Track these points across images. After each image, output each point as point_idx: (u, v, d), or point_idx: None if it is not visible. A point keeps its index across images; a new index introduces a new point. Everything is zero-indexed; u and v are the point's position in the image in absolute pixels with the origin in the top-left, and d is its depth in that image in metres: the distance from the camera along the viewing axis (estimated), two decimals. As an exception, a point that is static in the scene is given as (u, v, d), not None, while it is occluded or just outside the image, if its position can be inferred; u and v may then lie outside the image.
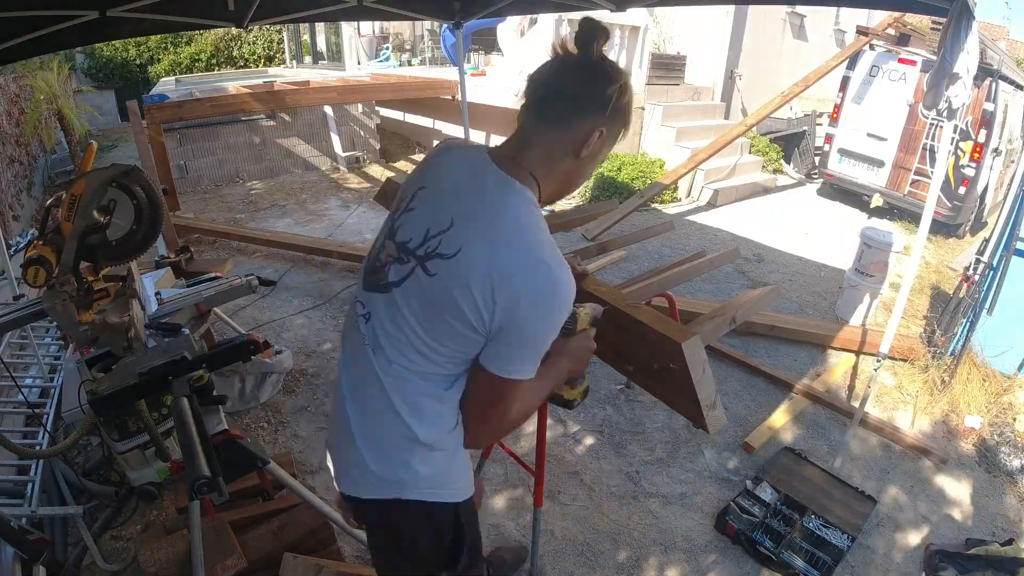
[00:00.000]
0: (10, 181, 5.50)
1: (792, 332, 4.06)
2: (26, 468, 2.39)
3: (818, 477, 2.79)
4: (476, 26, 6.20)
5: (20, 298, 2.57)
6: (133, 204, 1.97)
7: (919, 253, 2.55)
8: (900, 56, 6.75)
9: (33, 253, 1.79)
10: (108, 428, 1.77)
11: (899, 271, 5.04)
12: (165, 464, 1.73)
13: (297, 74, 10.78)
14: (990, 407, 3.34)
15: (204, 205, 6.68)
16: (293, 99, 7.15)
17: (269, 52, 15.01)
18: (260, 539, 2.13)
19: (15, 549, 1.93)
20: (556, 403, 1.42)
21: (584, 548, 2.43)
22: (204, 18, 3.69)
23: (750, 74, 9.73)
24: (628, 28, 7.33)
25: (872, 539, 2.58)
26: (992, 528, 2.71)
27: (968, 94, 2.29)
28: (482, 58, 9.29)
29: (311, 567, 1.96)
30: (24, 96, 7.13)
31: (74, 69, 12.87)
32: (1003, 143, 6.66)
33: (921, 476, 2.98)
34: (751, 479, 2.75)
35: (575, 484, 2.76)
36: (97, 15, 2.78)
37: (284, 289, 4.58)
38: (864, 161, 7.18)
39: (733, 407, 3.35)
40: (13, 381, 2.42)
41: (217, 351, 1.82)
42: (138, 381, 1.67)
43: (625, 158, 7.23)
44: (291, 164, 8.13)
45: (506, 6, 4.50)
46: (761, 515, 2.52)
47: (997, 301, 3.55)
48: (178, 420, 1.47)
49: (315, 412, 3.17)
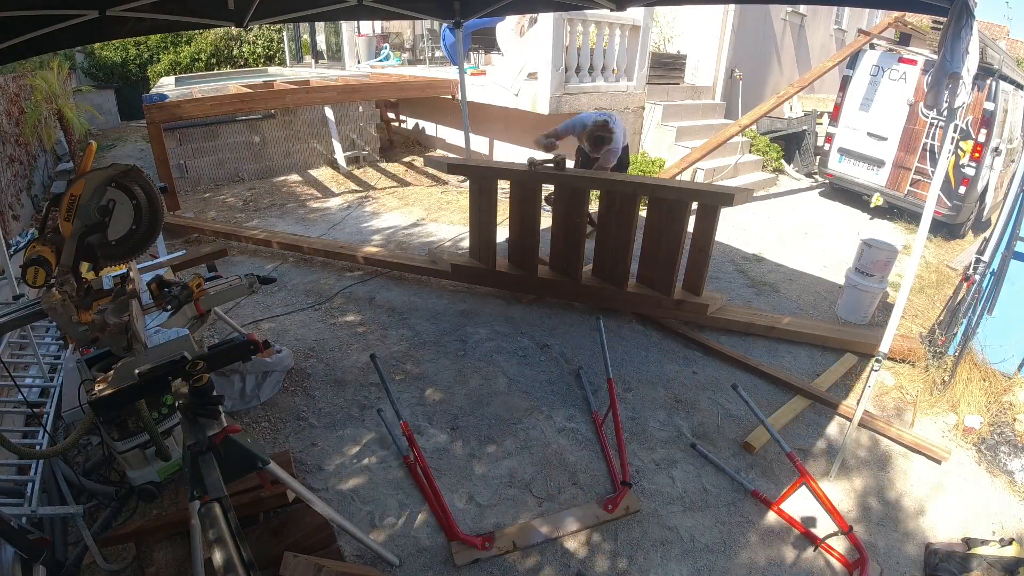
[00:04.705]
0: (10, 181, 5.49)
1: (792, 332, 4.06)
2: (26, 468, 2.38)
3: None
4: (476, 25, 6.20)
5: (20, 298, 2.57)
6: (132, 204, 1.97)
7: (919, 253, 2.55)
8: (902, 56, 6.75)
9: (33, 253, 1.79)
10: (108, 428, 1.77)
11: (899, 271, 5.04)
12: (165, 463, 1.73)
13: (297, 74, 10.77)
14: (990, 407, 3.33)
15: (204, 205, 6.68)
16: (293, 99, 7.14)
17: (269, 52, 15.00)
18: (260, 539, 2.13)
19: (15, 549, 1.93)
20: None
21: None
22: (204, 17, 3.69)
23: (750, 74, 9.73)
24: (628, 28, 7.32)
25: (872, 539, 2.58)
26: (992, 528, 2.71)
27: (968, 94, 2.29)
28: (482, 57, 9.29)
29: (311, 567, 1.96)
30: (24, 96, 7.13)
31: (74, 69, 12.86)
32: (1003, 143, 6.66)
33: (921, 476, 2.98)
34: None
35: (571, 484, 2.76)
36: (97, 15, 2.78)
37: (284, 289, 4.58)
38: (864, 161, 7.18)
39: (733, 407, 3.36)
40: (13, 381, 2.42)
41: (217, 351, 1.82)
42: (138, 381, 1.67)
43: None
44: (291, 164, 8.13)
45: (506, 5, 4.51)
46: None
47: (997, 301, 3.55)
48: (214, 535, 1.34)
49: (315, 411, 3.17)
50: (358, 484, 2.70)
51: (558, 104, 6.83)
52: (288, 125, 7.97)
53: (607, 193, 3.97)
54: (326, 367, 3.56)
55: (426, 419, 3.15)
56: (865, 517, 2.71)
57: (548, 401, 3.33)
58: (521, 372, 3.59)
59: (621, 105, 7.62)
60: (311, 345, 3.79)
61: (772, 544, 2.52)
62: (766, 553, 2.47)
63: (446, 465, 2.84)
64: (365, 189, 7.49)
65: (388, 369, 3.54)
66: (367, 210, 6.64)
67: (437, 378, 3.50)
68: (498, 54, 8.65)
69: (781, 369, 3.72)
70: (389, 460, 2.85)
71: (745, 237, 6.17)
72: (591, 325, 4.08)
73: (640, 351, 3.86)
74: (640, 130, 8.02)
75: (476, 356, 3.73)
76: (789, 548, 2.50)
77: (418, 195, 7.26)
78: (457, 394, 3.36)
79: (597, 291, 4.21)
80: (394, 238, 5.78)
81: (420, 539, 2.43)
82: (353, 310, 4.27)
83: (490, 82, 7.54)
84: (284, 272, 4.89)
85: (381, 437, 2.99)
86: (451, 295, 4.55)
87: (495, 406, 3.27)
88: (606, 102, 7.39)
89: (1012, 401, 3.34)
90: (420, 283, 4.74)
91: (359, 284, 4.69)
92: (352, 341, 3.86)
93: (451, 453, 2.92)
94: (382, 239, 5.73)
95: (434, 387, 3.42)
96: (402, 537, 2.44)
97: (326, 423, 3.08)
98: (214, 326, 3.79)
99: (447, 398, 3.33)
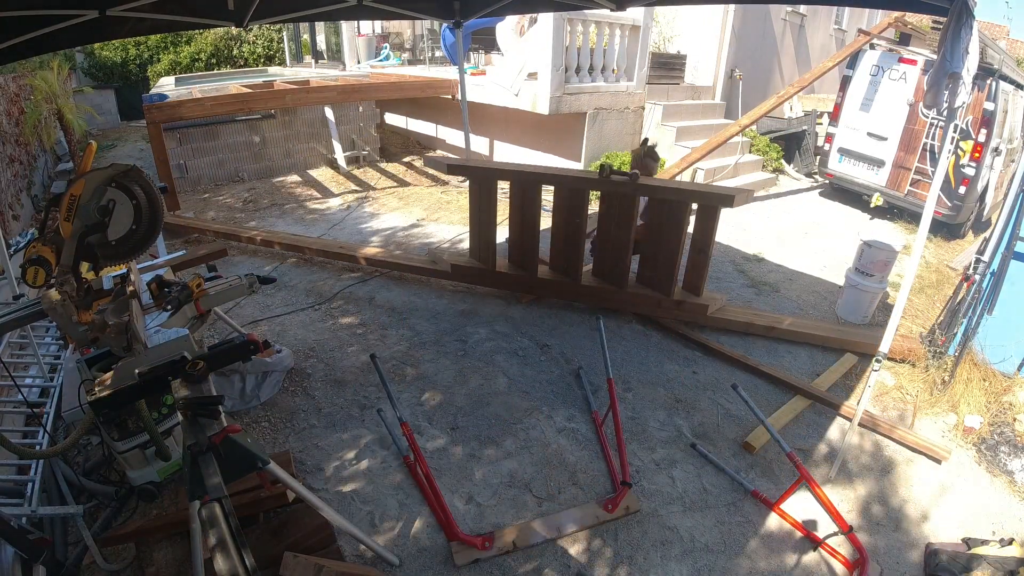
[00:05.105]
0: (10, 181, 5.49)
1: (792, 332, 4.05)
2: (26, 468, 2.38)
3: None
4: (476, 25, 6.20)
5: (20, 298, 2.57)
6: (132, 204, 1.97)
7: (919, 253, 2.55)
8: (902, 56, 6.75)
9: (33, 253, 1.79)
10: (108, 428, 1.77)
11: (899, 271, 5.04)
12: (165, 463, 1.73)
13: (297, 74, 10.76)
14: (990, 407, 3.34)
15: (204, 205, 6.68)
16: (293, 98, 7.14)
17: (269, 52, 14.99)
18: (260, 539, 2.13)
19: (15, 549, 1.93)
20: None
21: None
22: (204, 17, 3.69)
23: (750, 74, 9.74)
24: (628, 28, 7.32)
25: (872, 539, 2.58)
26: (992, 528, 2.71)
27: (968, 94, 2.29)
28: (482, 57, 9.29)
29: (311, 567, 1.96)
30: (24, 96, 7.13)
31: (74, 69, 12.86)
32: (1003, 143, 6.66)
33: (921, 476, 2.98)
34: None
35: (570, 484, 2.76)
36: (97, 15, 2.78)
37: (284, 288, 4.58)
38: (864, 161, 7.18)
39: (733, 407, 3.35)
40: (13, 381, 2.42)
41: (217, 351, 1.82)
42: (138, 381, 1.67)
43: (625, 157, 7.23)
44: (291, 164, 8.13)
45: (506, 5, 4.51)
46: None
47: (997, 301, 3.55)
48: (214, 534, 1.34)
49: (315, 411, 3.17)
50: (358, 484, 2.70)
51: (558, 104, 6.83)
52: (288, 125, 7.97)
53: (607, 193, 3.97)
54: (326, 367, 3.56)
55: (426, 419, 3.15)
56: (865, 517, 2.71)
57: (548, 401, 3.33)
58: (521, 372, 3.59)
59: (621, 105, 7.62)
60: (311, 345, 3.79)
61: (772, 544, 2.52)
62: (766, 553, 2.47)
63: (446, 465, 2.84)
64: (365, 189, 7.49)
65: (388, 369, 3.54)
66: (367, 210, 6.64)
67: (437, 378, 3.50)
68: (498, 54, 8.65)
69: (781, 369, 3.72)
70: (389, 460, 2.85)
71: (745, 237, 6.17)
72: (591, 325, 4.08)
73: (640, 351, 3.86)
74: (640, 130, 8.01)
75: (476, 356, 3.73)
76: (789, 548, 2.51)
77: (418, 195, 7.26)
78: (457, 394, 3.36)
79: (597, 291, 4.21)
80: (394, 238, 5.78)
81: (420, 539, 2.43)
82: (353, 310, 4.27)
83: (490, 82, 7.54)
84: (284, 272, 4.89)
85: (381, 437, 2.99)
86: (451, 295, 4.55)
87: (495, 406, 3.27)
88: (606, 102, 7.39)
89: (1012, 401, 3.34)
90: (420, 283, 4.74)
91: (359, 284, 4.69)
92: (352, 341, 3.86)
93: (451, 453, 2.92)
94: (382, 239, 5.73)
95: (434, 387, 3.42)
96: (402, 537, 2.44)
97: (326, 423, 3.08)
98: (214, 326, 3.79)
99: (447, 398, 3.33)
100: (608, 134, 7.57)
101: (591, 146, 7.39)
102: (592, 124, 7.30)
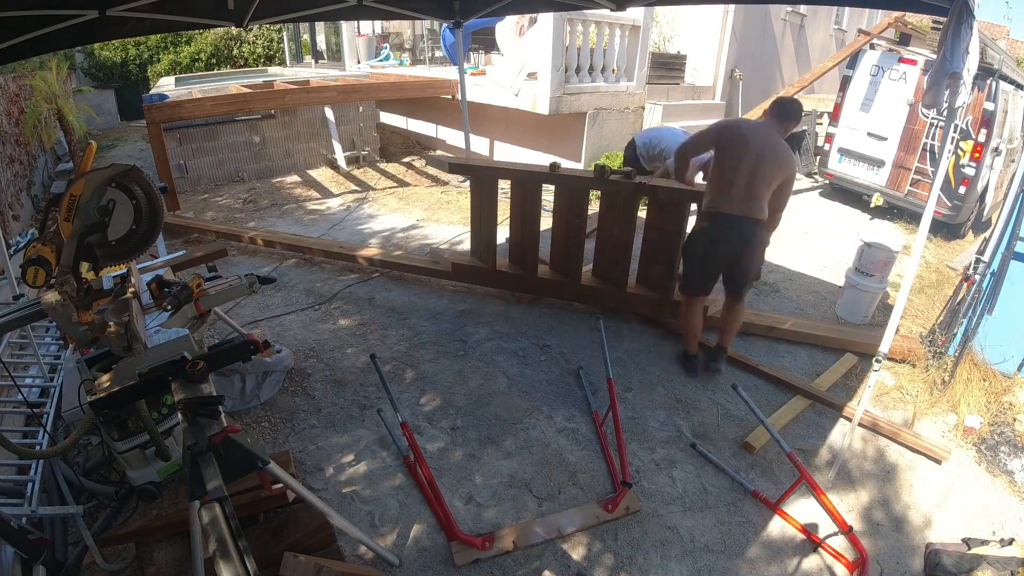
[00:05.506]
0: (10, 181, 5.49)
1: (792, 332, 4.05)
2: (26, 468, 2.38)
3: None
4: (476, 25, 6.19)
5: (20, 298, 2.57)
6: (132, 204, 1.97)
7: (919, 253, 2.55)
8: (902, 56, 6.75)
9: (33, 253, 1.79)
10: (108, 428, 1.77)
11: (899, 271, 5.04)
12: (165, 463, 1.73)
13: (297, 74, 10.76)
14: (990, 407, 3.34)
15: (204, 205, 6.68)
16: (293, 98, 7.14)
17: (269, 52, 15.00)
18: (260, 539, 2.13)
19: (15, 549, 1.93)
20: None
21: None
22: (204, 17, 3.69)
23: (750, 74, 9.73)
24: (628, 28, 7.32)
25: (872, 539, 2.58)
26: (992, 528, 2.71)
27: (968, 94, 2.29)
28: (482, 57, 9.28)
29: (311, 567, 1.96)
30: (24, 96, 7.13)
31: (74, 69, 12.86)
32: (1003, 143, 6.66)
33: (921, 476, 2.98)
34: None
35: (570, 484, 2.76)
36: (97, 15, 2.78)
37: (284, 288, 4.58)
38: (864, 161, 7.18)
39: (733, 407, 3.35)
40: (13, 381, 2.42)
41: (217, 351, 1.81)
42: (138, 381, 1.67)
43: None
44: (291, 164, 8.13)
45: (506, 5, 4.51)
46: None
47: (997, 301, 3.55)
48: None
49: (315, 411, 3.17)
50: (358, 484, 2.70)
51: (558, 104, 6.83)
52: (288, 125, 7.97)
53: (607, 193, 3.97)
54: (326, 367, 3.56)
55: (426, 419, 3.15)
56: (865, 517, 2.71)
57: (548, 401, 3.33)
58: (521, 372, 3.58)
59: (621, 105, 7.62)
60: (311, 345, 3.79)
61: (772, 544, 2.52)
62: (766, 553, 2.47)
63: (446, 465, 2.84)
64: (365, 189, 7.49)
65: (388, 369, 3.54)
66: (367, 210, 6.64)
67: (437, 378, 3.50)
68: (498, 54, 8.65)
69: (781, 369, 3.72)
70: (389, 460, 2.85)
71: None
72: (591, 325, 4.08)
73: (640, 351, 3.86)
74: (640, 130, 8.01)
75: (476, 356, 3.73)
76: (789, 548, 2.51)
77: (418, 195, 7.26)
78: (457, 394, 3.36)
79: (597, 291, 4.21)
80: (394, 238, 5.78)
81: (420, 539, 2.43)
82: (353, 310, 4.27)
83: (490, 82, 7.54)
84: (284, 272, 4.89)
85: (381, 437, 2.99)
86: (451, 295, 4.55)
87: (495, 406, 3.27)
88: (606, 102, 7.39)
89: (1012, 401, 3.34)
90: (420, 283, 4.74)
91: (359, 284, 4.69)
92: (352, 341, 3.86)
93: (451, 453, 2.92)
94: (382, 239, 5.73)
95: (434, 387, 3.42)
96: (402, 537, 2.44)
97: (326, 423, 3.08)
98: (214, 326, 3.79)
99: (447, 398, 3.33)
100: (608, 134, 7.57)
101: (591, 146, 7.39)
102: (592, 124, 7.30)
